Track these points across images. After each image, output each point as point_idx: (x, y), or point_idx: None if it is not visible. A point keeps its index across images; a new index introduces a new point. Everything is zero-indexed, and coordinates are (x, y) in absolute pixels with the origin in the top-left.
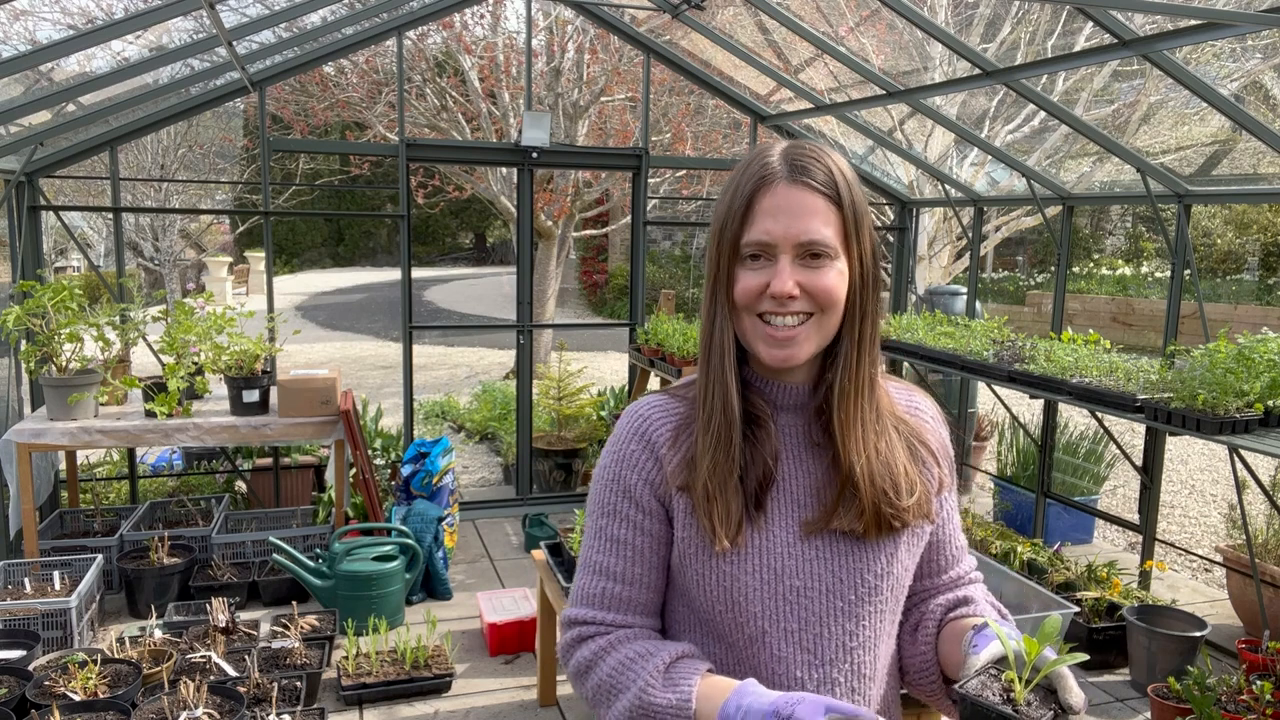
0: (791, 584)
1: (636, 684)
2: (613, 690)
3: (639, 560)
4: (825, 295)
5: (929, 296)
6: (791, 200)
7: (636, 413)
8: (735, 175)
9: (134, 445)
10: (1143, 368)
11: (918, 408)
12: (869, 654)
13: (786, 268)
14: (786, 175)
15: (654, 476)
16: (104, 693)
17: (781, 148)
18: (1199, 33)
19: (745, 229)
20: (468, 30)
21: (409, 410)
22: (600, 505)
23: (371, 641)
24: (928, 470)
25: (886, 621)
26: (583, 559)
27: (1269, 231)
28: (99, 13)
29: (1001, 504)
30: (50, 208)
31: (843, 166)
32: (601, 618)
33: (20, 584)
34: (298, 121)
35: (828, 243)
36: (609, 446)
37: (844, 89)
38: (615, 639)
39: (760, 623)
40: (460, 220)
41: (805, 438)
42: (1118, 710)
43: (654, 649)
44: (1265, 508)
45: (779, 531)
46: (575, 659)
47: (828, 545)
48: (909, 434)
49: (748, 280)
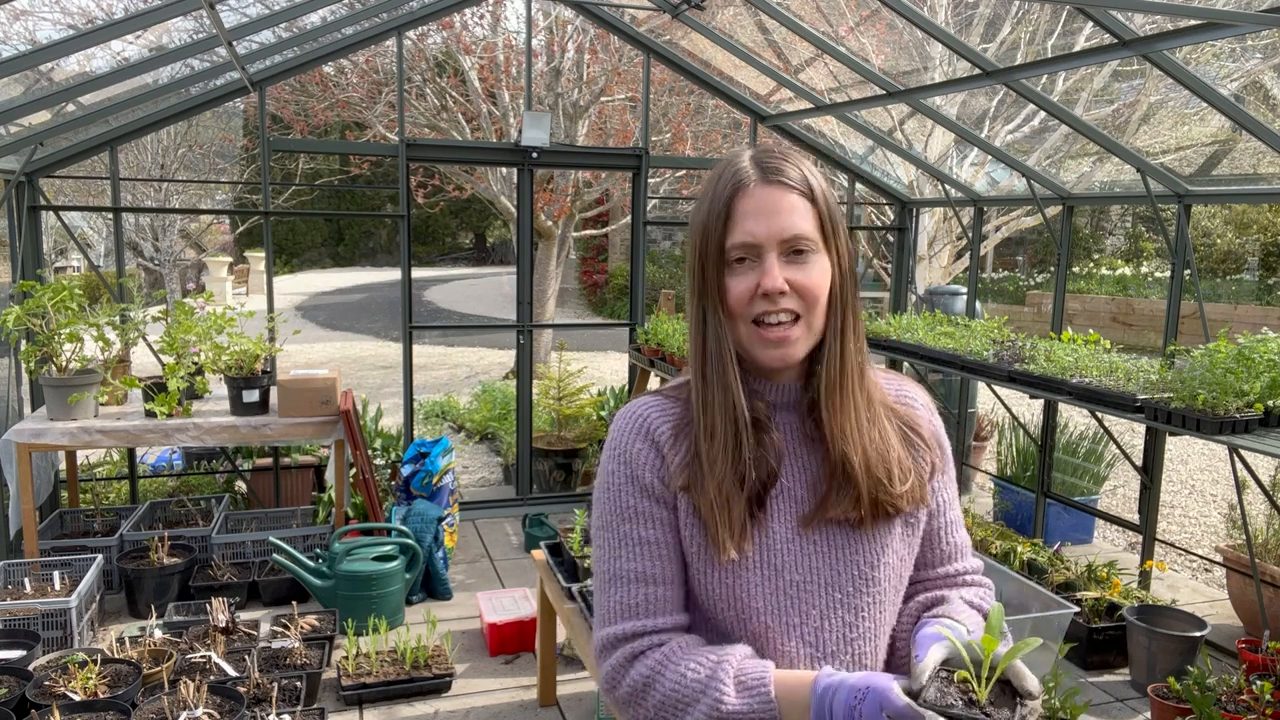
0: (791, 579)
1: (708, 695)
2: (679, 706)
3: (673, 557)
4: (810, 292)
5: (929, 296)
6: (769, 200)
7: (633, 413)
8: (709, 185)
9: (134, 445)
10: (1143, 368)
11: (909, 397)
12: (869, 645)
13: (775, 264)
14: (760, 178)
15: (662, 471)
16: (104, 693)
17: (750, 154)
18: (1199, 33)
19: (728, 233)
20: (468, 30)
21: (409, 410)
22: (617, 511)
23: (371, 641)
24: (920, 456)
25: (887, 612)
26: (607, 573)
27: (1269, 231)
28: (99, 13)
29: (1001, 504)
30: (50, 208)
31: (811, 167)
32: (649, 625)
33: (20, 584)
34: (298, 121)
35: (810, 236)
36: (610, 451)
37: (844, 89)
38: (671, 650)
39: (763, 619)
40: (460, 220)
41: (800, 433)
42: (1118, 710)
43: (718, 655)
44: (1265, 508)
45: (778, 528)
46: (629, 681)
47: (824, 538)
48: (901, 422)
49: (738, 285)
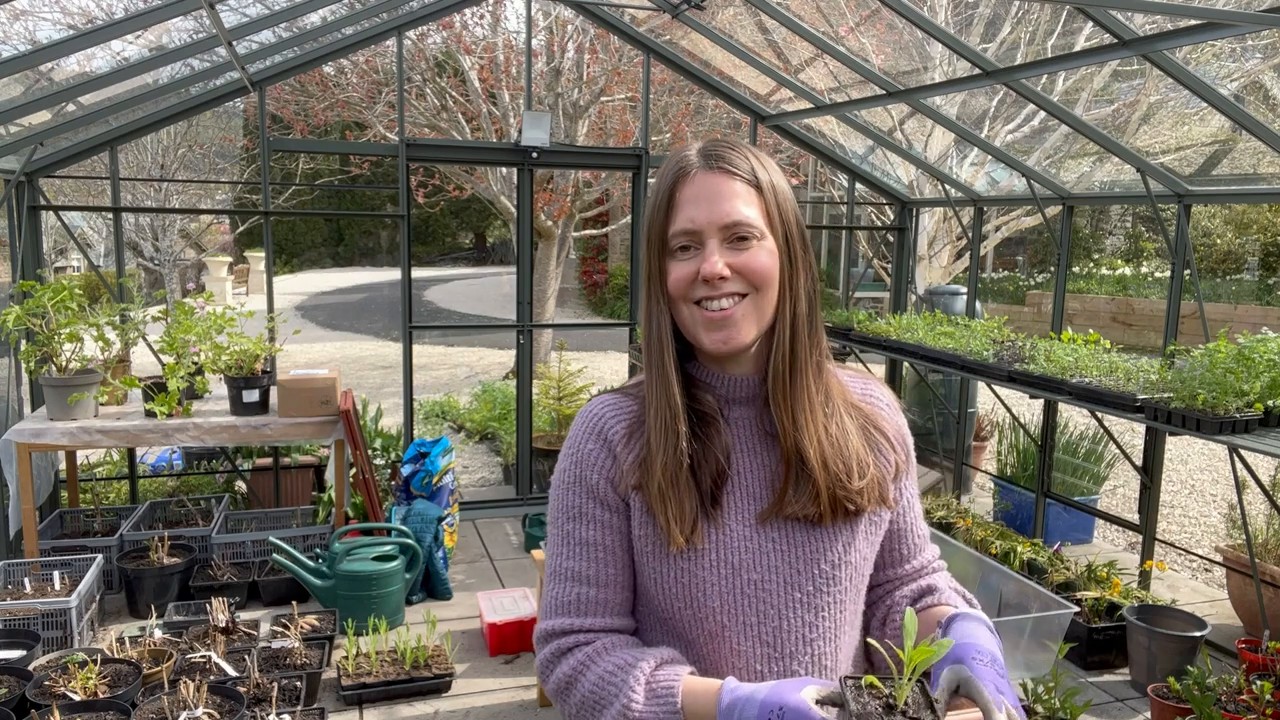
0: (749, 577)
1: (619, 699)
2: (595, 706)
3: (611, 560)
4: (756, 274)
5: (929, 296)
6: (709, 186)
7: (590, 412)
8: (658, 176)
9: (134, 445)
10: (1143, 368)
11: (872, 395)
12: (829, 645)
13: (715, 250)
14: (702, 165)
15: (613, 474)
16: (104, 693)
17: (698, 145)
18: (1199, 33)
19: (670, 221)
20: (468, 30)
21: (409, 410)
22: (564, 509)
23: (371, 641)
24: (884, 456)
25: (848, 612)
26: (551, 568)
27: (1269, 231)
28: (99, 13)
29: (1001, 504)
30: (50, 208)
31: (762, 156)
32: (579, 624)
33: (20, 584)
34: (298, 121)
35: (751, 222)
36: (566, 449)
37: (844, 89)
38: (595, 651)
39: (719, 618)
40: (460, 220)
41: (758, 429)
42: (1117, 710)
43: (634, 658)
44: (1265, 508)
45: (735, 526)
46: (555, 676)
47: (783, 536)
48: (863, 420)
49: (678, 270)
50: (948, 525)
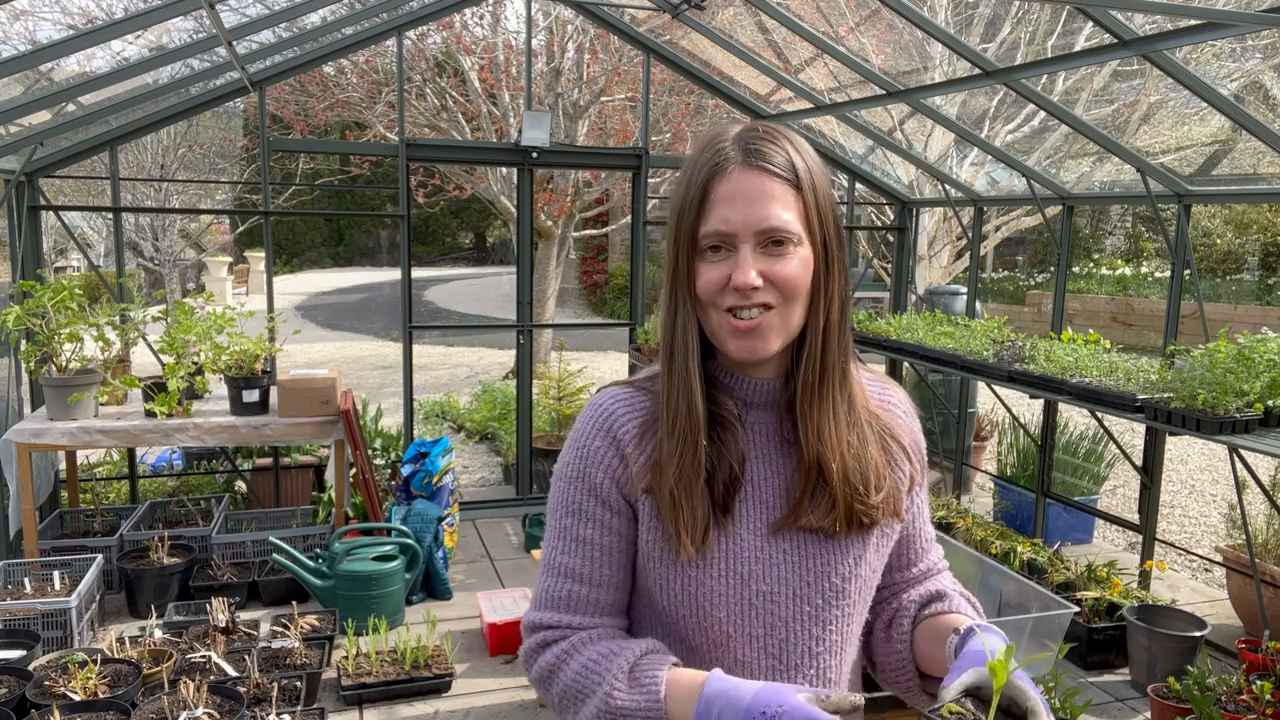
0: (758, 589)
1: (602, 688)
2: (578, 696)
3: (606, 560)
4: (788, 285)
5: (929, 296)
6: (748, 186)
7: (599, 405)
8: (689, 164)
9: (134, 445)
10: (1143, 368)
11: (890, 401)
12: (835, 659)
13: (748, 258)
14: (741, 160)
15: (620, 474)
16: (104, 693)
17: (735, 131)
18: (1199, 33)
19: (702, 220)
20: (468, 30)
21: (409, 410)
22: (564, 504)
23: (371, 641)
24: (899, 467)
25: (854, 625)
26: (545, 560)
27: (1269, 231)
28: (99, 13)
29: (1001, 504)
30: (50, 208)
31: (801, 147)
32: (565, 620)
33: (20, 584)
34: (298, 121)
35: (789, 228)
36: (571, 441)
37: (844, 89)
38: (578, 641)
39: (725, 628)
40: (460, 220)
41: (776, 435)
42: (1118, 710)
43: (618, 648)
44: (1265, 508)
45: (746, 535)
46: (538, 666)
47: (795, 547)
48: (880, 428)
49: (709, 274)
50: (948, 525)
